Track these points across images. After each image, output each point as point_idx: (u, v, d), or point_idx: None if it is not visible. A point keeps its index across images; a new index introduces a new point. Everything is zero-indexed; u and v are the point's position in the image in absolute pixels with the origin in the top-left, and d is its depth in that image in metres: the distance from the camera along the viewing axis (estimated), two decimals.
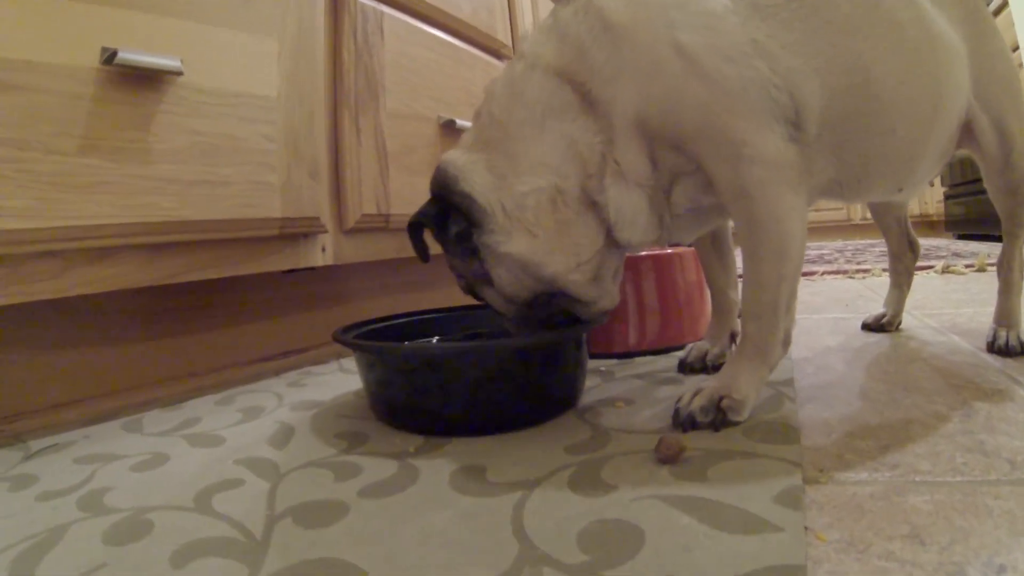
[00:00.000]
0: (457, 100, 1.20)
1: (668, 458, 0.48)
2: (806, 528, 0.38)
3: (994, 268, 1.69)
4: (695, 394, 0.57)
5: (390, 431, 0.62)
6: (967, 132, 0.75)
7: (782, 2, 0.56)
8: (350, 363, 0.96)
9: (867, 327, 0.98)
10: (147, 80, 0.67)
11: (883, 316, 0.98)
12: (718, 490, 0.43)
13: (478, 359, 0.60)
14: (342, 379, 0.86)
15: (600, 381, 0.77)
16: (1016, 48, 2.57)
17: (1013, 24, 2.58)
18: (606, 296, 0.64)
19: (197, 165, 0.72)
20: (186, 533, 0.42)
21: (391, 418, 0.63)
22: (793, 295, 0.58)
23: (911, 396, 0.63)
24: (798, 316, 1.16)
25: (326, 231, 0.90)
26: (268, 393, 0.80)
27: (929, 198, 4.18)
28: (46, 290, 0.62)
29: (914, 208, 4.25)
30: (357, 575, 0.35)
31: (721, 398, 0.55)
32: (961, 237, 3.62)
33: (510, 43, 1.45)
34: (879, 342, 0.90)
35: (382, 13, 1.01)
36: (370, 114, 0.97)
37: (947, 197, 3.72)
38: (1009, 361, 0.74)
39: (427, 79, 1.12)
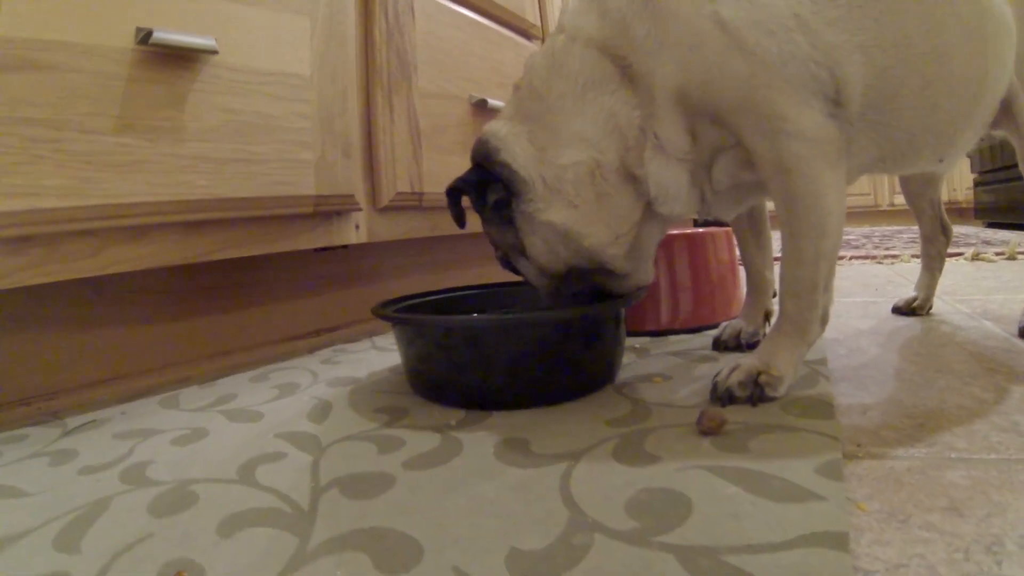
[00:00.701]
0: (487, 80, 1.20)
1: (710, 430, 0.49)
2: (847, 498, 0.39)
3: None
4: (733, 369, 0.58)
5: (429, 405, 0.63)
6: (1005, 111, 0.74)
7: None
8: (383, 341, 0.98)
9: (898, 311, 0.99)
10: (181, 59, 0.69)
11: (914, 300, 0.98)
12: (761, 461, 0.44)
13: (518, 332, 0.61)
14: (376, 356, 0.88)
15: (635, 358, 0.79)
16: None
17: None
18: (641, 271, 0.65)
19: (231, 143, 0.73)
20: (232, 504, 0.43)
21: (430, 392, 0.65)
22: (831, 273, 0.59)
23: (945, 378, 0.64)
24: None
25: (360, 209, 0.92)
26: (302, 370, 0.82)
27: (958, 184, 4.12)
28: (84, 268, 0.64)
29: (944, 195, 4.22)
30: (410, 544, 0.37)
31: (759, 374, 0.57)
32: (991, 225, 3.57)
33: (539, 23, 1.45)
34: (911, 326, 0.91)
35: None
36: (402, 93, 0.99)
37: (977, 184, 3.66)
38: None
39: (457, 59, 1.13)
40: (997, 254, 1.91)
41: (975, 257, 1.88)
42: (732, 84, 0.54)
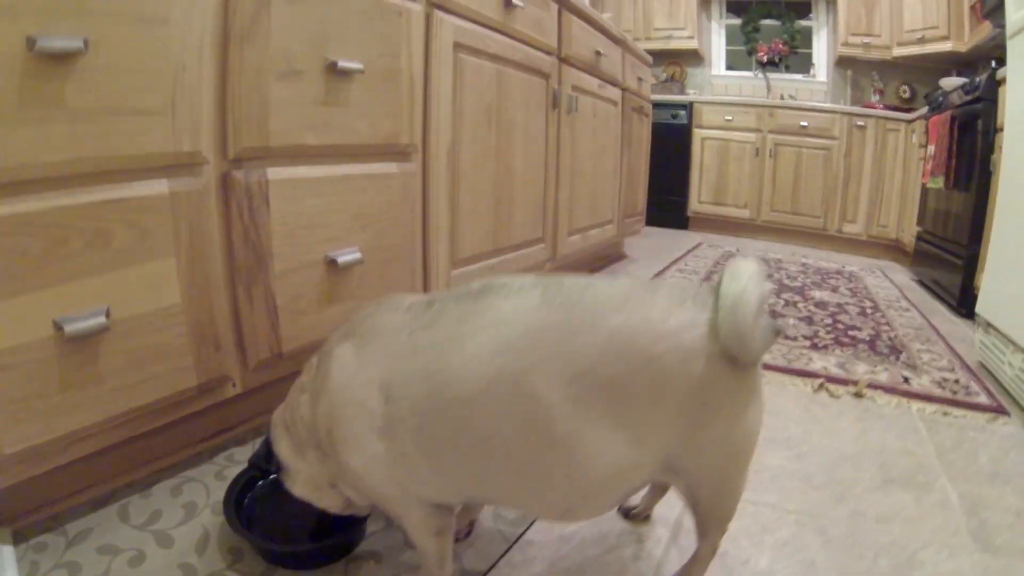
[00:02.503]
0: (346, 228, 1.44)
1: None
2: None
3: (872, 395, 1.75)
4: None
5: (252, 552, 1.08)
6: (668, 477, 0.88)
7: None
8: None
9: (621, 512, 1.19)
10: (90, 333, 1.00)
11: (633, 508, 1.18)
12: None
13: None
14: None
15: (384, 524, 1.17)
16: (1000, 129, 2.66)
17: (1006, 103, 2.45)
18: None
19: (137, 372, 1.16)
20: None
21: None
22: None
23: None
24: None
25: (232, 378, 1.30)
26: (200, 484, 1.25)
27: (907, 226, 4.26)
28: (55, 460, 1.13)
29: (891, 232, 4.52)
30: None
31: None
32: (921, 283, 3.78)
33: (419, 140, 1.61)
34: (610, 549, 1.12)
35: (267, 181, 1.25)
36: (260, 283, 1.27)
37: (919, 237, 3.85)
38: None
39: (316, 224, 1.35)
40: (853, 383, 1.76)
41: (820, 388, 1.76)
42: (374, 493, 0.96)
